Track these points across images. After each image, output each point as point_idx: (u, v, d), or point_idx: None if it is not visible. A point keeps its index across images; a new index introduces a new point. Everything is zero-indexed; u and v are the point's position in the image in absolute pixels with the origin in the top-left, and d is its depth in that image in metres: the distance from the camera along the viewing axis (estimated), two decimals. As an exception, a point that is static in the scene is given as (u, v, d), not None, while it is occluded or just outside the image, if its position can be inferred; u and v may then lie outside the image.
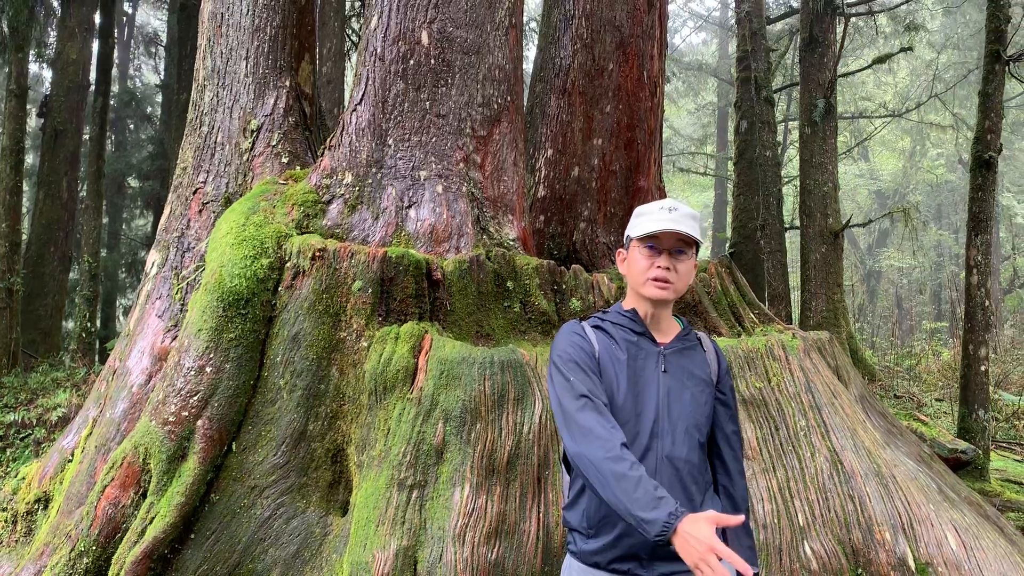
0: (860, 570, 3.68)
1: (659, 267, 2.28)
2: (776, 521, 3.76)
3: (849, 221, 11.56)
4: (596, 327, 2.38)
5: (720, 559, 1.83)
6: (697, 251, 2.36)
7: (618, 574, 2.19)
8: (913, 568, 3.63)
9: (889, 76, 25.58)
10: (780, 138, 17.11)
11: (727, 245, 14.34)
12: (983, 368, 7.08)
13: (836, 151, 11.92)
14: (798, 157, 12.61)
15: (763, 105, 12.93)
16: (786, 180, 15.41)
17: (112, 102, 17.63)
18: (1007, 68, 7.36)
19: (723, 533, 2.33)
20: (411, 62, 4.56)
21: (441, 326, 4.04)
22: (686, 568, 2.11)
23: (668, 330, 2.38)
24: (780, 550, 3.68)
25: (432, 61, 4.57)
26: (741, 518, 1.93)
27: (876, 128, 19.49)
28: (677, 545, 1.89)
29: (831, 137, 11.80)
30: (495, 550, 3.24)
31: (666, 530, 1.91)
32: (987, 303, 7.18)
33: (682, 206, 2.31)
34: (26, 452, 7.54)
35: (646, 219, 2.32)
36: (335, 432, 3.85)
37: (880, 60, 12.84)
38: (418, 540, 3.28)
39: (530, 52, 18.69)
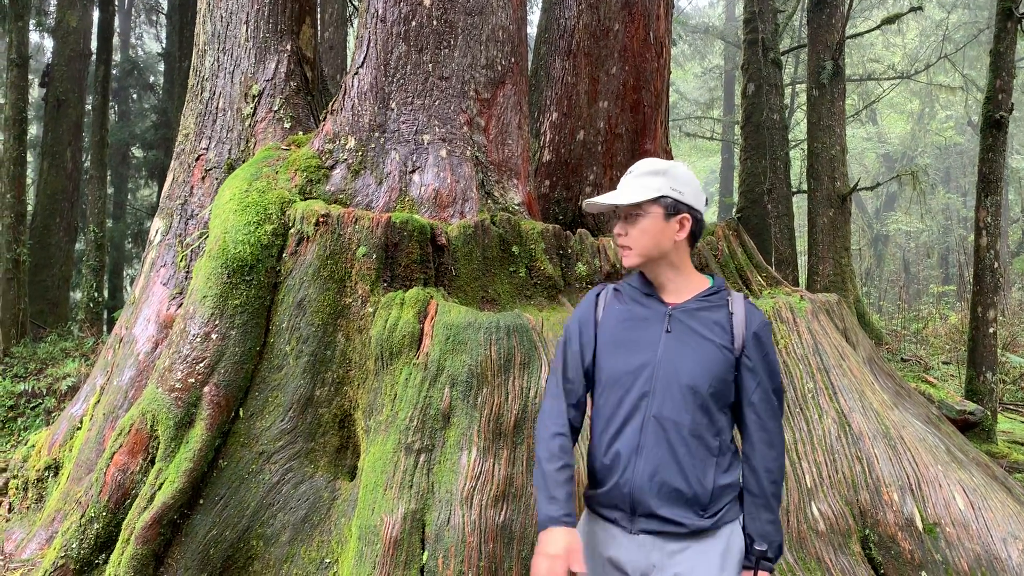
0: (868, 531, 3.69)
1: (617, 234, 2.34)
2: (783, 483, 3.76)
3: (857, 185, 11.45)
4: (616, 290, 2.44)
5: None
6: (666, 207, 2.26)
7: (607, 521, 2.28)
8: (921, 528, 3.63)
9: (898, 37, 25.25)
10: (787, 101, 16.92)
11: (734, 210, 14.25)
12: (991, 330, 7.05)
13: (844, 114, 11.77)
14: (805, 120, 12.47)
15: (770, 68, 12.77)
16: (793, 144, 15.27)
17: (114, 71, 17.51)
18: (1019, 26, 7.23)
19: (740, 505, 2.30)
20: (413, 23, 4.50)
21: (446, 291, 4.02)
22: (669, 530, 2.18)
23: (682, 290, 2.33)
24: (787, 512, 3.69)
25: (434, 22, 4.51)
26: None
27: (884, 90, 19.26)
28: (535, 550, 2.16)
29: (839, 100, 11.66)
30: (502, 513, 3.25)
31: (541, 529, 2.19)
32: (996, 265, 7.13)
33: (645, 164, 2.33)
34: (37, 421, 7.59)
35: None
36: (342, 397, 3.85)
37: (889, 20, 12.63)
38: (426, 503, 3.29)
39: (534, 15, 18.47)
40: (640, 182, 2.28)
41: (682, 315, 2.28)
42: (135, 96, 20.72)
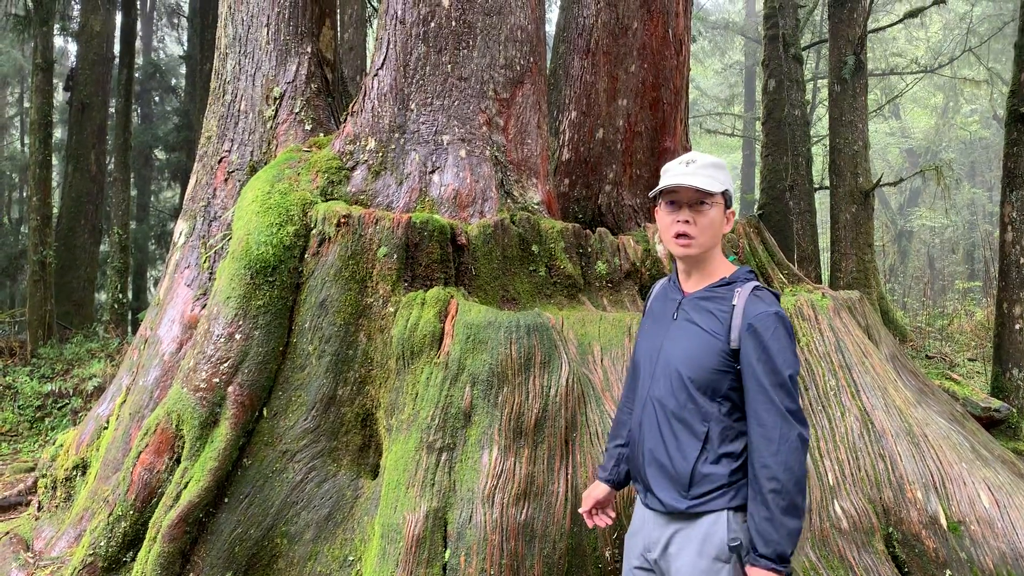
0: (891, 529, 3.67)
1: (678, 222, 2.35)
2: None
3: (880, 180, 11.34)
4: (669, 280, 2.61)
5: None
6: (727, 200, 2.38)
7: (638, 494, 2.50)
8: (945, 526, 3.61)
9: (921, 31, 24.96)
10: (809, 97, 16.80)
11: (755, 206, 14.17)
12: (1017, 327, 6.97)
13: (866, 109, 11.66)
14: (827, 116, 12.38)
15: (791, 63, 12.69)
16: (815, 139, 15.16)
17: (137, 74, 17.69)
18: (1044, 18, 7.13)
19: (734, 496, 2.26)
20: (432, 24, 4.52)
21: (466, 291, 4.04)
22: (658, 508, 2.34)
23: (703, 280, 2.42)
24: (810, 510, 3.67)
25: (453, 23, 4.52)
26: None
27: (908, 85, 19.05)
28: None
29: (861, 95, 11.55)
30: (524, 511, 3.27)
31: None
32: (1022, 261, 7.05)
33: (702, 157, 2.37)
34: (64, 421, 7.71)
35: (666, 175, 2.40)
36: (364, 397, 3.88)
37: (912, 14, 12.50)
38: (448, 502, 3.31)
39: (552, 14, 18.44)
40: (707, 172, 2.33)
41: (688, 304, 2.39)
42: (157, 99, 20.94)
